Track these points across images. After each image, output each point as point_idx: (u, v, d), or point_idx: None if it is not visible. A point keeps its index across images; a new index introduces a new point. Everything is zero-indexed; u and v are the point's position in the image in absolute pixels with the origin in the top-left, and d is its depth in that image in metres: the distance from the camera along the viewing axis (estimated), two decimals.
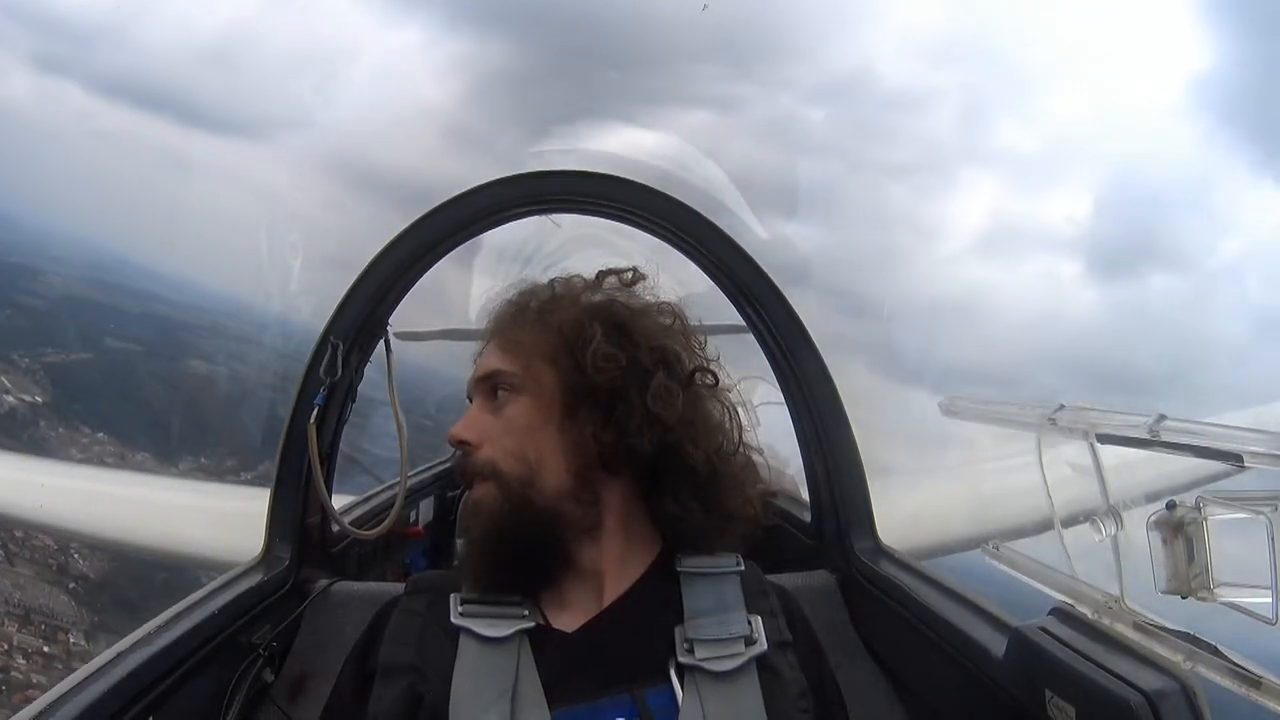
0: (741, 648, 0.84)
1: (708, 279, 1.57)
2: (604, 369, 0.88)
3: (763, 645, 0.84)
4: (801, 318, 1.47)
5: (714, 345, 1.01)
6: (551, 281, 1.00)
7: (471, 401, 0.95)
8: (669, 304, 0.98)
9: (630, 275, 1.00)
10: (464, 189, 1.46)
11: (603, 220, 1.64)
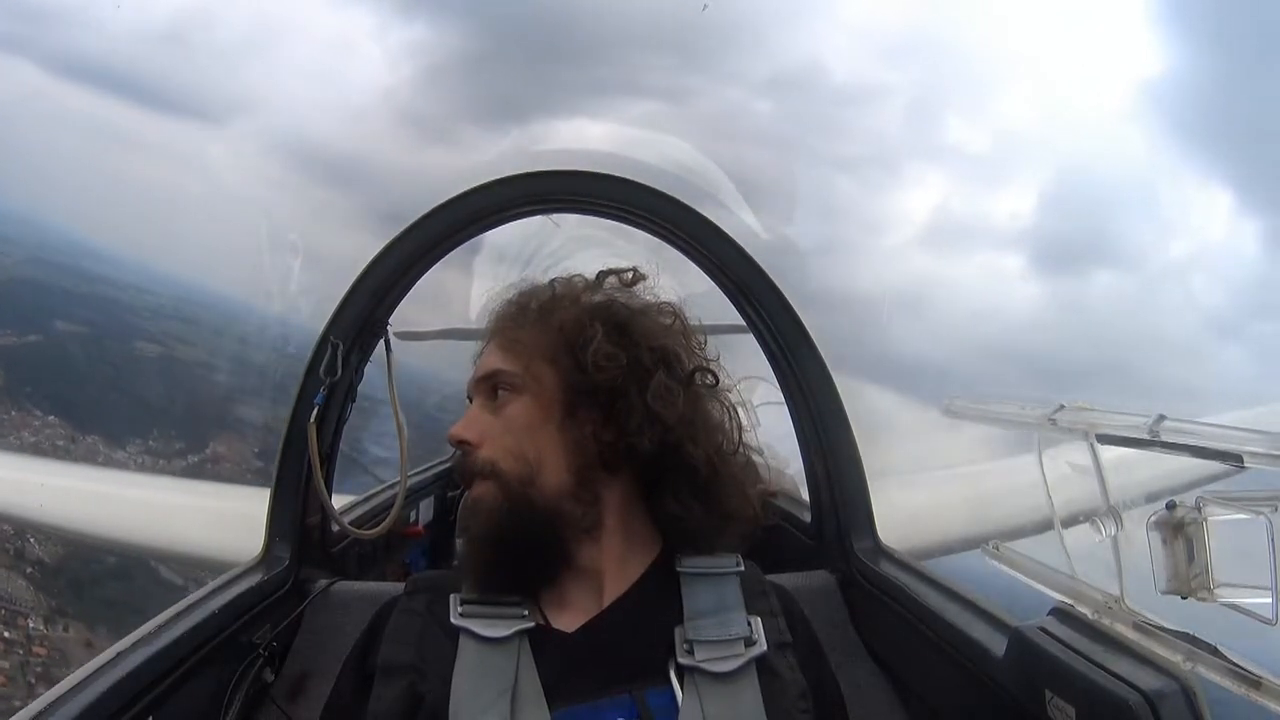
0: (741, 649, 0.84)
1: (707, 279, 1.57)
2: (605, 368, 0.88)
3: (762, 646, 0.84)
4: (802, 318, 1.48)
5: (714, 345, 1.01)
6: (552, 281, 1.00)
7: (471, 401, 0.96)
8: (669, 304, 0.99)
9: (630, 275, 1.00)
10: (466, 187, 1.46)
11: (602, 220, 1.64)
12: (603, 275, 1.00)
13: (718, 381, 0.97)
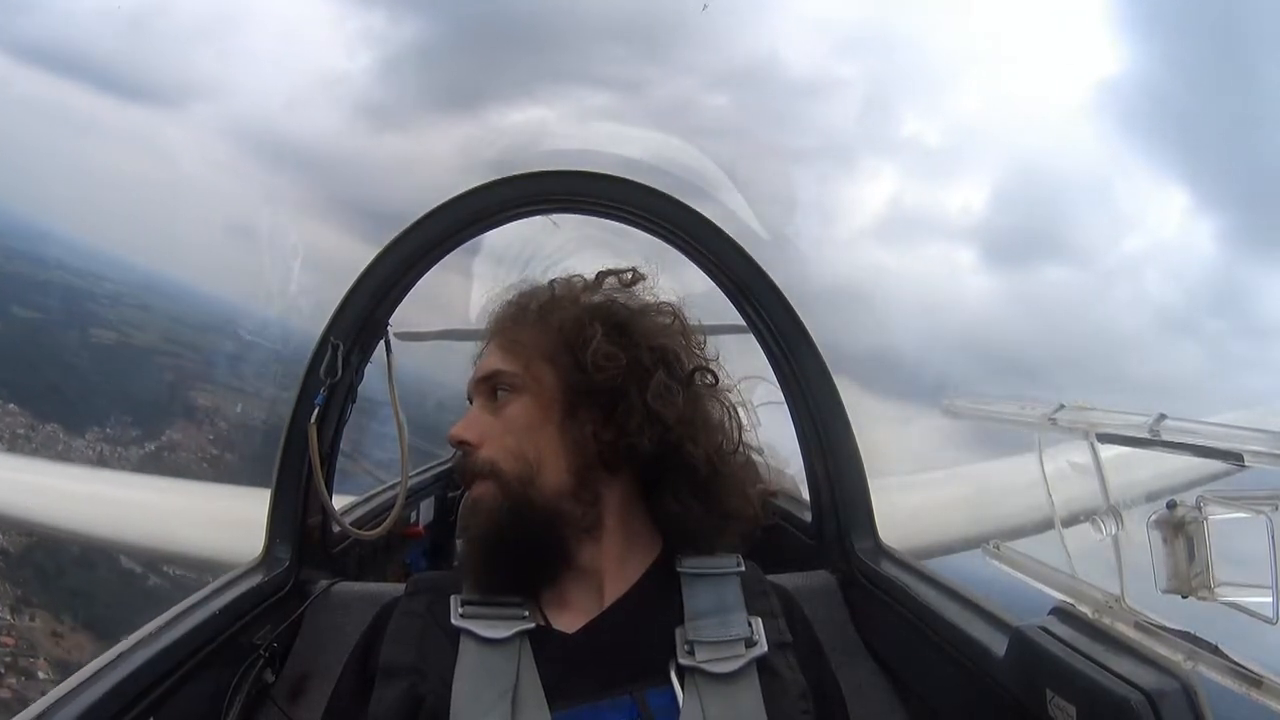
0: (742, 649, 0.83)
1: (706, 279, 1.57)
2: (604, 368, 0.88)
3: (763, 647, 0.84)
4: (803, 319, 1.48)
5: (713, 345, 1.01)
6: (551, 282, 1.00)
7: (472, 402, 0.96)
8: (668, 304, 0.99)
9: (630, 275, 1.00)
10: (466, 188, 1.46)
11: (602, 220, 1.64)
12: (602, 275, 1.00)
13: (717, 381, 0.97)
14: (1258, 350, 52.99)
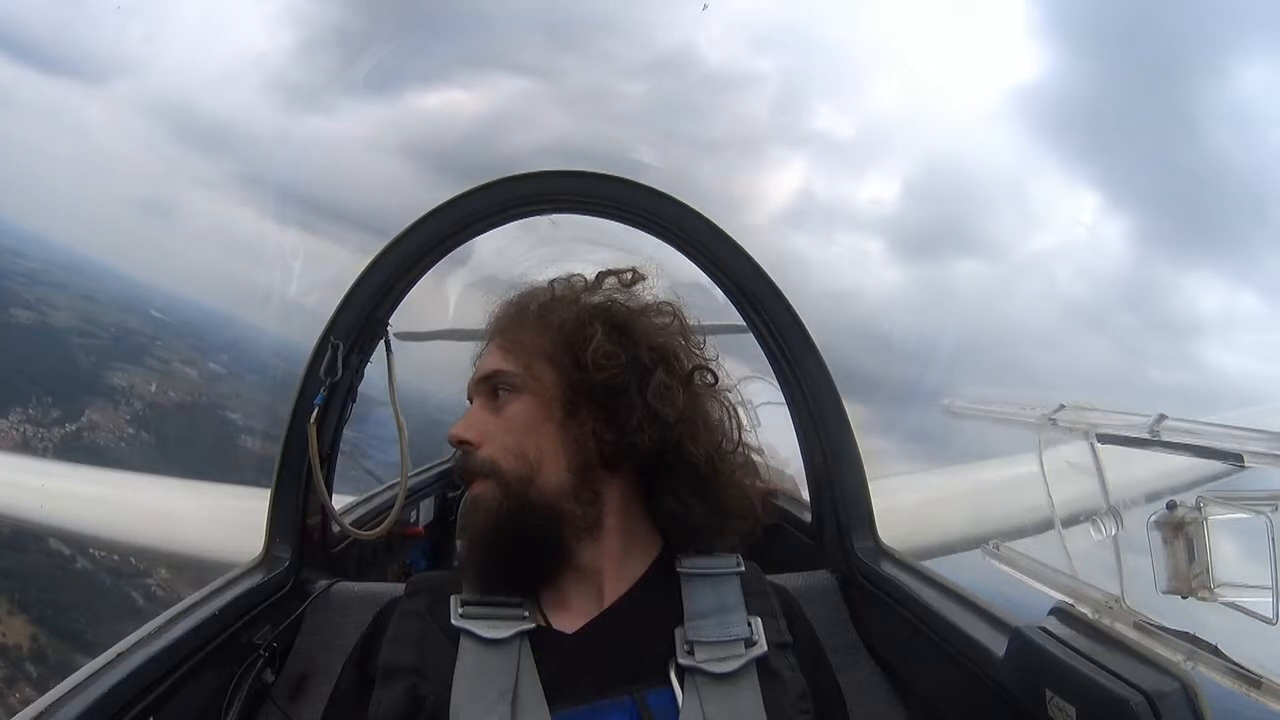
0: (741, 649, 0.84)
1: (704, 278, 1.57)
2: (605, 367, 0.88)
3: (763, 647, 0.84)
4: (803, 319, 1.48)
5: (713, 345, 1.01)
6: (551, 282, 1.00)
7: (472, 402, 0.96)
8: (668, 303, 0.99)
9: (629, 275, 1.00)
10: (475, 185, 1.46)
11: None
12: (602, 276, 1.00)
13: (716, 380, 0.97)
14: (1167, 346, 53.91)
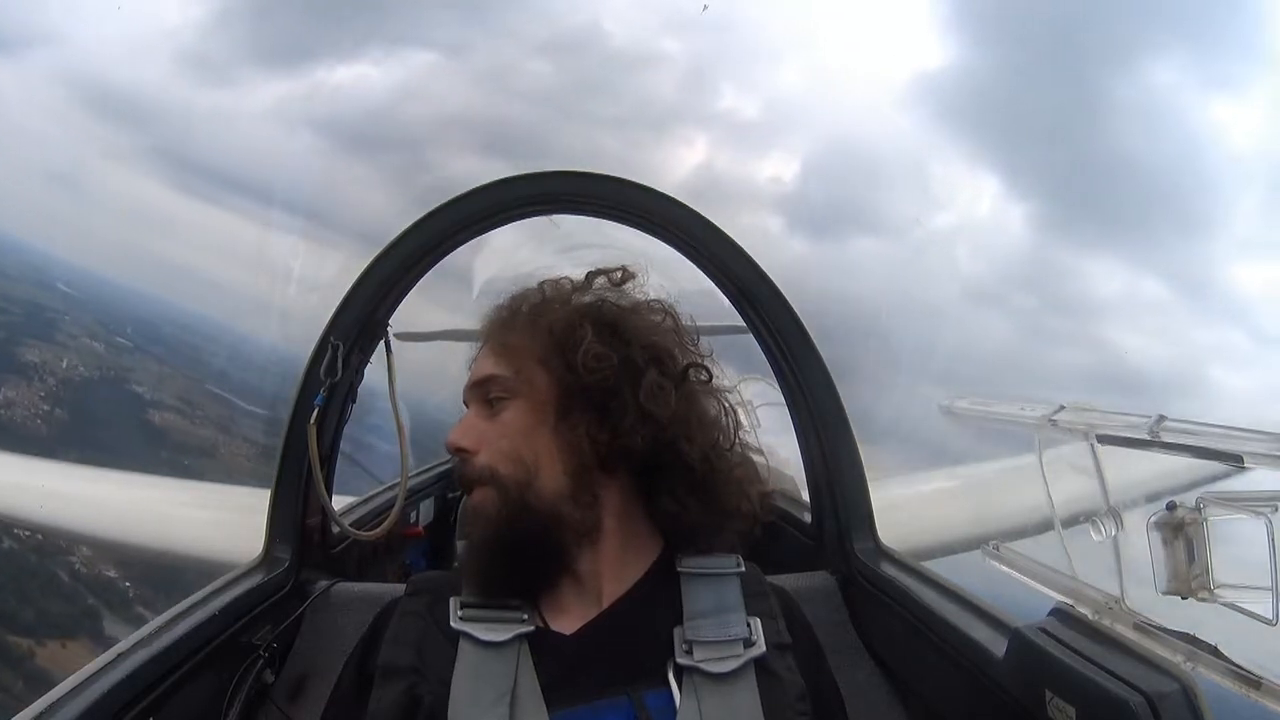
0: (740, 649, 0.84)
1: (702, 277, 1.57)
2: (596, 369, 0.88)
3: (761, 647, 0.84)
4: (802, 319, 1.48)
5: (712, 344, 1.01)
6: (541, 284, 1.00)
7: (468, 407, 0.96)
8: (660, 301, 0.98)
9: (620, 274, 1.00)
10: (471, 186, 1.46)
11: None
12: (592, 275, 1.00)
13: (711, 377, 0.96)
14: (1066, 327, 54.52)
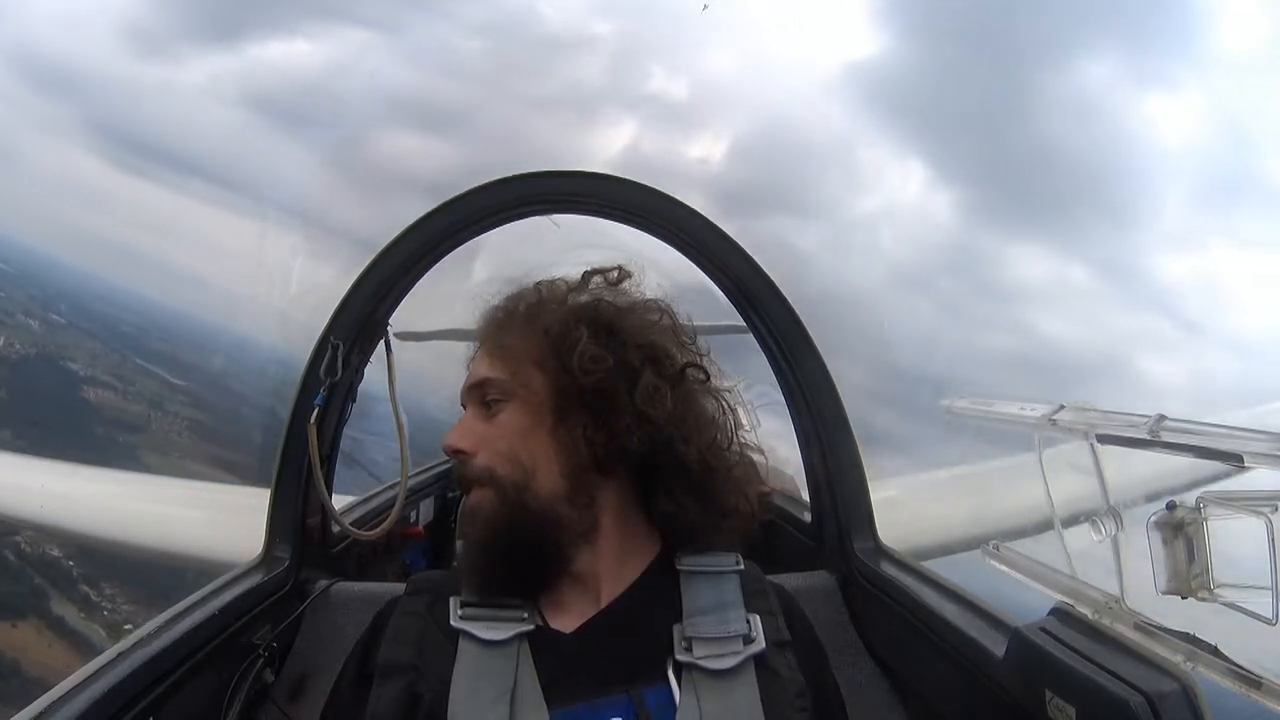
0: (739, 646, 0.84)
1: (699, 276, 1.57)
2: (591, 370, 0.88)
3: (760, 644, 0.84)
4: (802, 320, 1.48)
5: (713, 345, 1.00)
6: (538, 284, 0.99)
7: (465, 409, 0.95)
8: (657, 301, 0.98)
9: (616, 274, 0.99)
10: (468, 187, 1.46)
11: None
12: (588, 275, 1.00)
13: (708, 377, 0.96)
14: (994, 311, 55.84)
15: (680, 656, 0.82)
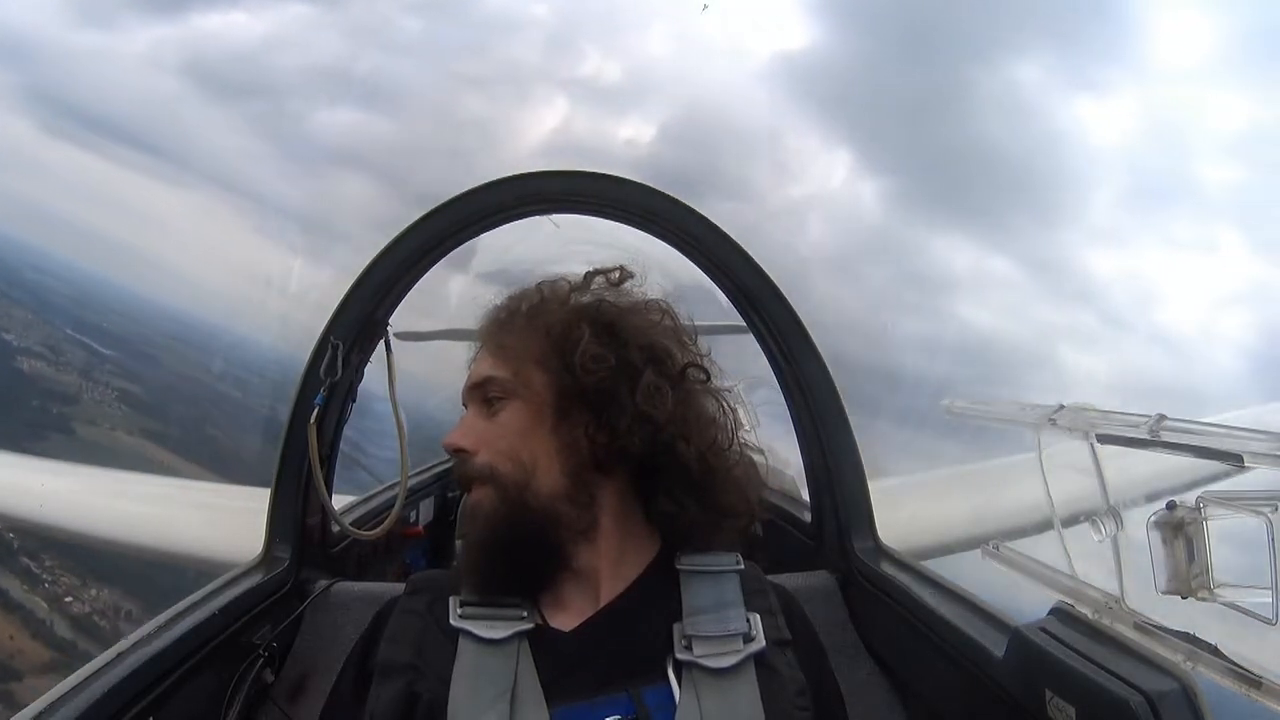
0: (739, 645, 0.84)
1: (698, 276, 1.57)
2: (593, 370, 0.88)
3: (760, 643, 0.84)
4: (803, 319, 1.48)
5: (713, 344, 1.01)
6: (539, 284, 1.00)
7: (466, 409, 0.96)
8: (658, 301, 0.98)
9: (618, 274, 1.00)
10: (465, 188, 1.46)
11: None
12: (590, 275, 1.00)
13: (709, 377, 0.96)
14: (918, 298, 54.95)
15: (680, 655, 0.82)
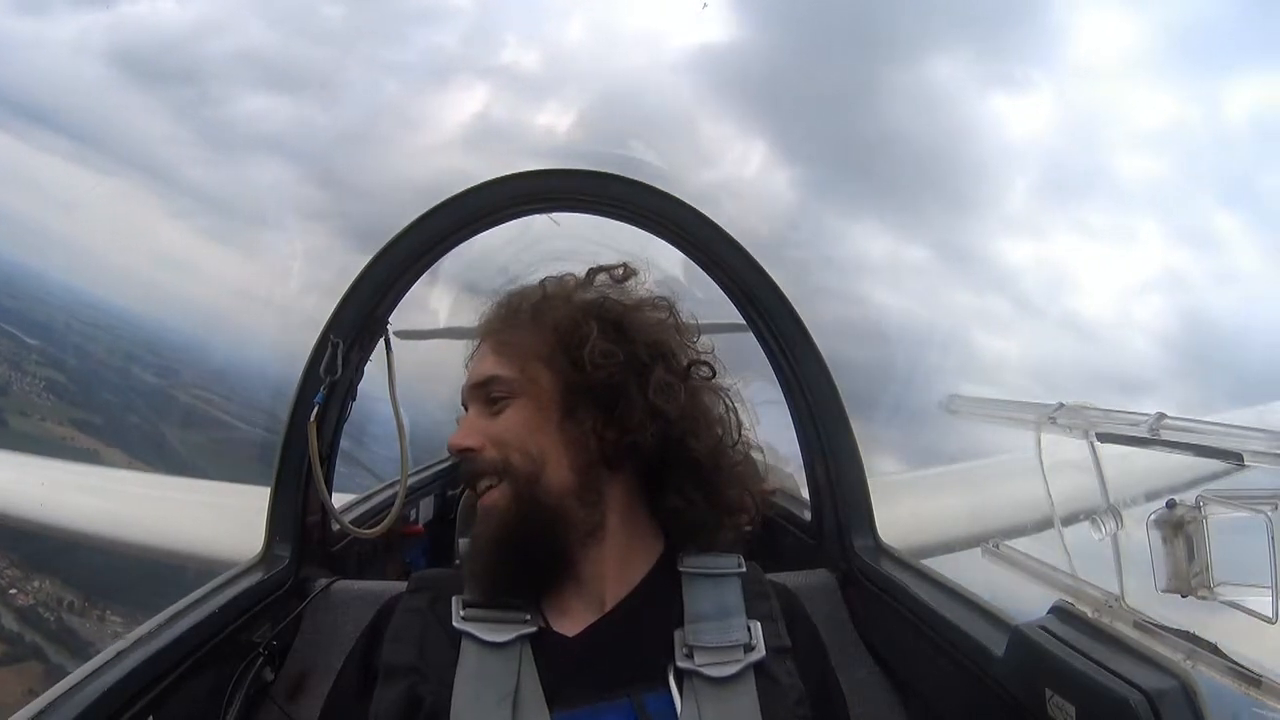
0: (740, 654, 0.83)
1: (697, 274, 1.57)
2: (602, 366, 0.87)
3: (761, 652, 0.84)
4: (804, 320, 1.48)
5: (713, 343, 1.00)
6: (542, 281, 0.99)
7: (467, 409, 0.95)
8: (662, 298, 0.98)
9: (621, 271, 0.99)
10: (466, 186, 1.46)
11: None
12: (593, 272, 0.99)
13: (714, 374, 0.96)
14: (833, 282, 56.17)
15: (681, 663, 0.82)
